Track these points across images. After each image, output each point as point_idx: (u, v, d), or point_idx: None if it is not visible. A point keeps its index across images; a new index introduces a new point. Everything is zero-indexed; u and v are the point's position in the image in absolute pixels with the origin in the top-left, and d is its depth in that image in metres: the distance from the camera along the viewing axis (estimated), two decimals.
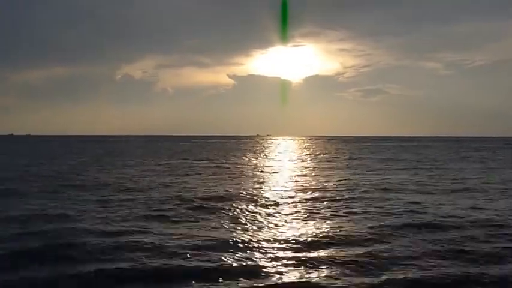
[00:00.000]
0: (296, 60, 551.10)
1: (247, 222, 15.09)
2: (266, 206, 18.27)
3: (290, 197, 20.76)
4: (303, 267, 10.34)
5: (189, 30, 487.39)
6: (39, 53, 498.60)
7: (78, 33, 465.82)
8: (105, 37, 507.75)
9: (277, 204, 18.83)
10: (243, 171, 35.50)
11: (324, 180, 28.47)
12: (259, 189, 23.73)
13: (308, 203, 19.05)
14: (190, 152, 72.40)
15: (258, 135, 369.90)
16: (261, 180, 29.24)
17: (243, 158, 57.16)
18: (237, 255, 11.22)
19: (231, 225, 14.71)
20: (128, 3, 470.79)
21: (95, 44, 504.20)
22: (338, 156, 61.17)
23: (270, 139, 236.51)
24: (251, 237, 12.88)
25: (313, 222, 15.15)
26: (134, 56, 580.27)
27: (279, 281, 9.53)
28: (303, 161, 50.64)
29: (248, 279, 9.55)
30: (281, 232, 13.60)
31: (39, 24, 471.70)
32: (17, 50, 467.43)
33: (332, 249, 11.79)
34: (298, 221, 15.48)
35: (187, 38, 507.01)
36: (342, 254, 11.34)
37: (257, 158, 56.35)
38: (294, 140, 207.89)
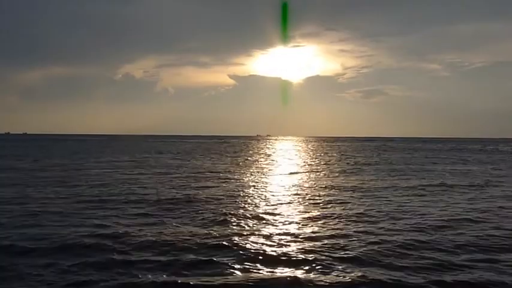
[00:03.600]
0: (296, 60, 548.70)
1: None
2: None
3: None
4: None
5: (190, 30, 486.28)
6: (40, 53, 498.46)
7: (79, 33, 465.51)
8: (106, 36, 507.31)
9: None
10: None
11: None
12: None
13: None
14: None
15: (258, 135, 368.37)
16: None
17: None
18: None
19: None
20: (130, 4, 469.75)
21: (96, 43, 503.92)
22: None
23: (270, 139, 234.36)
24: None
25: None
26: (135, 56, 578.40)
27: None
28: None
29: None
30: None
31: (40, 24, 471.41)
32: (17, 50, 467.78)
33: None
34: None
35: (188, 38, 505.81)
36: None
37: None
38: (303, 141, 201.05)
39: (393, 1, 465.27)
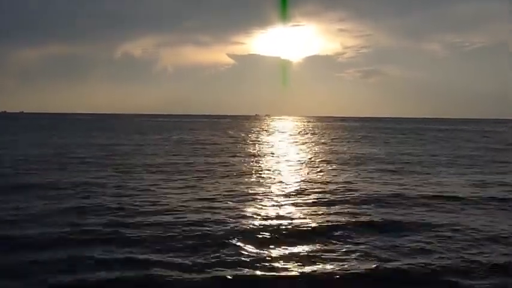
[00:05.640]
0: (296, 40, 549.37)
1: None
2: None
3: None
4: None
5: (190, 9, 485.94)
6: (38, 32, 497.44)
7: (78, 11, 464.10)
8: (105, 14, 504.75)
9: None
10: None
11: None
12: None
13: None
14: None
15: (256, 115, 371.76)
16: None
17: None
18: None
19: None
20: None
21: (95, 21, 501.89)
22: None
23: (267, 119, 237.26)
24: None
25: None
26: (134, 34, 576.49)
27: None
28: None
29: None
30: None
31: (37, 2, 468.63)
32: (14, 29, 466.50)
33: None
34: None
35: (187, 17, 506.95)
36: None
37: None
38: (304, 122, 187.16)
39: None
